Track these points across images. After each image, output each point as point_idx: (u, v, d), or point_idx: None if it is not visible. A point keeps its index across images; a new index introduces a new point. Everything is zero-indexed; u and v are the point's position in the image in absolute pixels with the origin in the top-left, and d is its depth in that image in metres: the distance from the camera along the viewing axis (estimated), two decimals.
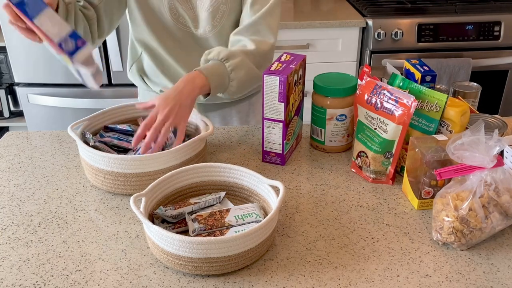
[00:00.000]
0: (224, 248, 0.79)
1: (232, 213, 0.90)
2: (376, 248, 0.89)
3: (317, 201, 1.02)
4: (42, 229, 0.94)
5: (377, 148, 1.03)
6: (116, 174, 1.00)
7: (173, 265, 0.82)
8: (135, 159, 0.99)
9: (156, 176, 1.00)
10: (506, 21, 2.35)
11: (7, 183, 1.08)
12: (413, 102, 0.96)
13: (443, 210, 0.87)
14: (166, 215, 0.91)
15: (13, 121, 2.59)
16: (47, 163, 1.16)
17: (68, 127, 1.07)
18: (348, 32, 2.40)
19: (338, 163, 1.15)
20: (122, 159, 0.99)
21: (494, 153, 0.84)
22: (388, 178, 1.07)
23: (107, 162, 0.99)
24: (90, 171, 1.04)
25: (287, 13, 2.51)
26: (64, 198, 1.03)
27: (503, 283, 0.81)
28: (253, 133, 1.28)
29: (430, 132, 1.01)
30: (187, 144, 1.03)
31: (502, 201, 0.86)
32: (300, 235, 0.92)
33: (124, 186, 1.01)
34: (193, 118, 1.18)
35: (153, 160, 1.00)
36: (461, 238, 0.86)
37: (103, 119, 1.17)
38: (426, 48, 2.38)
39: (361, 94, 1.05)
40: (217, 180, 1.00)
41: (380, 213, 0.98)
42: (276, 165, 1.14)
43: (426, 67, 1.12)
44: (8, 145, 1.24)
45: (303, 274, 0.83)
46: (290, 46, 2.41)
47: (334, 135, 1.16)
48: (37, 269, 0.84)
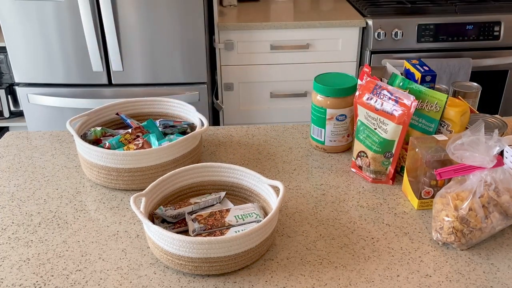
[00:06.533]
0: (224, 248, 0.79)
1: (232, 213, 0.90)
2: (376, 248, 0.89)
3: (317, 201, 1.02)
4: (42, 229, 0.94)
5: (377, 148, 1.03)
6: (109, 169, 1.02)
7: (173, 265, 0.82)
8: (127, 155, 1.00)
9: (148, 171, 1.01)
10: (506, 21, 2.35)
11: (7, 183, 1.08)
12: (413, 102, 0.96)
13: (443, 210, 0.88)
14: (166, 215, 0.91)
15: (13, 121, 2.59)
16: (47, 163, 1.16)
17: (67, 122, 1.08)
18: (348, 32, 2.40)
19: (338, 163, 1.15)
20: (114, 154, 1.00)
21: (494, 153, 0.84)
22: (388, 178, 1.07)
23: (101, 157, 1.01)
24: (86, 165, 1.06)
25: (287, 13, 2.51)
26: (64, 198, 1.03)
27: (503, 283, 0.81)
28: (253, 133, 1.28)
29: (430, 132, 1.01)
30: (179, 141, 1.03)
31: (502, 201, 0.86)
32: (300, 235, 0.92)
33: (116, 180, 1.03)
34: (190, 115, 1.18)
35: (145, 156, 1.00)
36: (461, 238, 0.86)
37: (102, 114, 1.18)
38: (426, 48, 2.38)
39: (361, 94, 1.05)
40: (217, 180, 1.00)
41: (380, 213, 0.98)
42: (276, 165, 1.14)
43: (426, 67, 1.12)
44: (8, 145, 1.24)
45: (303, 274, 0.83)
46: (290, 46, 2.41)
47: (334, 135, 1.16)
48: (37, 269, 0.85)
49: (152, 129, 1.13)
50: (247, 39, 2.39)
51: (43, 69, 2.27)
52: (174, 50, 2.23)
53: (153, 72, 2.28)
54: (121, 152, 1.00)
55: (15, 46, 2.22)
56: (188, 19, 2.18)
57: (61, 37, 2.19)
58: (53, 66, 2.26)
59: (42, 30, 2.18)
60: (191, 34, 2.21)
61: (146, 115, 1.23)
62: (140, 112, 1.23)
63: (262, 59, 2.45)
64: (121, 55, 2.23)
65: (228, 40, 2.39)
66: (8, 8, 2.14)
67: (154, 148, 1.02)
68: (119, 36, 2.19)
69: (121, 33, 2.19)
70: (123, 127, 1.22)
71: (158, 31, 2.19)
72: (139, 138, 1.09)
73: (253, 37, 2.39)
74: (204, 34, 2.22)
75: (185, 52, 2.24)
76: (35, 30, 2.18)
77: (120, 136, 1.09)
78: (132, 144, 1.07)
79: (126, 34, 2.19)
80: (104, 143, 1.09)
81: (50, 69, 2.27)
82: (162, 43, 2.22)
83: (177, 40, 2.21)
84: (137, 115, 1.23)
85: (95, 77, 2.28)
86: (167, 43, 2.22)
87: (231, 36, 2.39)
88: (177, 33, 2.20)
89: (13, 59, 2.26)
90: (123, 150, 1.06)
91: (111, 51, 2.21)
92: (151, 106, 1.23)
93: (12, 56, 2.25)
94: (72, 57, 2.23)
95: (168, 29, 2.19)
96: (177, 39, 2.21)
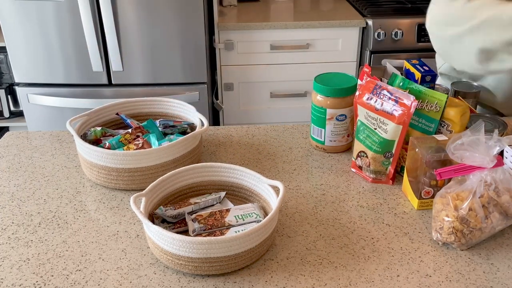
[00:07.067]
0: (224, 248, 0.79)
1: (232, 213, 0.90)
2: (376, 248, 0.89)
3: (317, 201, 1.02)
4: (42, 229, 0.94)
5: (377, 148, 1.03)
6: (109, 169, 1.02)
7: (173, 265, 0.82)
8: (127, 155, 1.00)
9: (148, 171, 1.01)
10: None
11: (7, 183, 1.08)
12: (413, 102, 0.96)
13: (443, 210, 0.88)
14: (166, 215, 0.91)
15: (13, 121, 2.59)
16: (47, 163, 1.16)
17: (67, 122, 1.08)
18: (348, 32, 2.40)
19: (338, 163, 1.15)
20: (114, 154, 1.00)
21: (494, 153, 0.84)
22: (388, 178, 1.07)
23: (101, 157, 1.01)
24: (86, 165, 1.06)
25: (287, 13, 2.51)
26: (64, 198, 1.03)
27: (503, 283, 0.81)
28: (253, 133, 1.28)
29: (430, 132, 1.01)
30: (179, 141, 1.03)
31: (502, 201, 0.86)
32: (300, 235, 0.92)
33: (116, 180, 1.03)
34: (190, 115, 1.18)
35: (145, 156, 1.01)
36: (461, 238, 0.86)
37: (102, 114, 1.18)
38: (426, 48, 2.38)
39: (361, 94, 1.05)
40: (217, 180, 1.00)
41: (380, 213, 0.98)
42: (276, 165, 1.14)
43: (426, 67, 1.12)
44: (8, 145, 1.24)
45: (303, 274, 0.83)
46: (290, 46, 2.41)
47: (334, 135, 1.16)
48: (37, 269, 0.85)
49: (152, 129, 1.13)
50: (247, 39, 2.39)
51: (43, 69, 2.27)
52: (174, 50, 2.23)
53: (153, 72, 2.28)
54: (121, 152, 1.00)
55: (15, 46, 2.23)
56: (188, 19, 2.18)
57: (61, 37, 2.19)
58: (53, 66, 2.26)
59: (42, 30, 2.18)
60: (191, 34, 2.21)
61: (146, 115, 1.23)
62: (140, 112, 1.23)
63: (262, 59, 2.45)
64: (121, 55, 2.23)
65: (228, 40, 2.39)
66: (8, 8, 2.14)
67: (154, 148, 1.02)
68: (119, 36, 2.19)
69: (121, 33, 2.19)
70: (123, 127, 1.22)
71: (158, 31, 2.19)
72: (139, 138, 1.09)
73: (253, 37, 2.39)
74: (204, 34, 2.23)
75: (185, 52, 2.24)
76: (35, 30, 2.18)
77: (120, 136, 1.09)
78: (132, 144, 1.07)
79: (126, 34, 2.19)
80: (104, 143, 1.09)
81: (50, 69, 2.27)
82: (162, 43, 2.22)
83: (177, 40, 2.22)
84: (137, 115, 1.23)
85: (95, 77, 2.28)
86: (167, 43, 2.22)
87: (231, 36, 2.39)
88: (177, 33, 2.20)
89: (13, 59, 2.26)
90: (123, 150, 1.06)
91: (111, 51, 2.21)
92: (151, 106, 1.23)
93: (12, 56, 2.25)
94: (72, 57, 2.23)
95: (168, 29, 2.19)
96: (177, 39, 2.21)
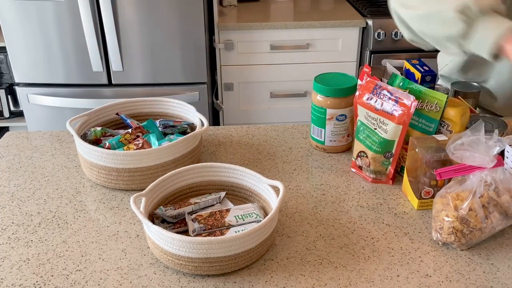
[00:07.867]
0: (224, 248, 0.79)
1: (232, 213, 0.90)
2: (376, 248, 0.89)
3: (317, 201, 1.02)
4: (42, 229, 0.94)
5: (377, 148, 1.03)
6: (109, 169, 1.02)
7: (173, 265, 0.82)
8: (127, 155, 1.00)
9: (148, 171, 1.01)
10: None
11: (7, 183, 1.08)
12: (413, 102, 0.96)
13: (443, 210, 0.87)
14: (166, 215, 0.91)
15: (13, 121, 2.59)
16: (47, 163, 1.16)
17: (67, 122, 1.08)
18: (348, 32, 2.40)
19: (338, 163, 1.15)
20: (114, 154, 1.00)
21: (494, 153, 0.84)
22: (388, 178, 1.07)
23: (101, 157, 1.01)
24: (86, 165, 1.06)
25: (287, 13, 2.51)
26: (64, 198, 1.03)
27: (503, 283, 0.81)
28: (253, 133, 1.28)
29: (430, 132, 1.01)
30: (179, 141, 1.03)
31: (502, 201, 0.86)
32: (300, 235, 0.92)
33: (116, 180, 1.03)
34: (190, 115, 1.18)
35: (145, 156, 1.01)
36: (461, 238, 0.86)
37: (102, 114, 1.18)
38: None
39: (361, 94, 1.05)
40: (217, 180, 1.00)
41: (380, 213, 0.98)
42: (276, 165, 1.14)
43: (426, 67, 1.12)
44: (8, 145, 1.24)
45: (303, 274, 0.83)
46: (290, 46, 2.41)
47: (334, 135, 1.16)
48: (37, 269, 0.85)
49: (152, 129, 1.13)
50: (247, 39, 2.39)
51: (43, 69, 2.27)
52: (174, 50, 2.23)
53: (153, 72, 2.28)
54: (121, 152, 1.00)
55: (15, 46, 2.22)
56: (188, 19, 2.18)
57: (61, 37, 2.19)
58: (53, 66, 2.26)
59: (42, 30, 2.18)
60: (191, 34, 2.21)
61: (146, 115, 1.23)
62: (140, 112, 1.23)
63: (262, 59, 2.45)
64: (121, 55, 2.23)
65: (228, 40, 2.39)
66: (8, 8, 2.14)
67: (154, 148, 1.02)
68: (119, 36, 2.19)
69: (121, 33, 2.19)
70: (123, 127, 1.22)
71: (158, 31, 2.19)
72: (139, 138, 1.09)
73: (253, 37, 2.39)
74: (204, 34, 2.22)
75: (185, 52, 2.24)
76: (35, 30, 2.18)
77: (120, 136, 1.09)
78: (132, 144, 1.07)
79: (126, 34, 2.19)
80: (104, 143, 1.09)
81: (50, 69, 2.27)
82: (162, 43, 2.22)
83: (177, 40, 2.21)
84: (137, 115, 1.23)
85: (95, 77, 2.28)
86: (167, 43, 2.22)
87: (231, 36, 2.39)
88: (177, 33, 2.20)
89: (13, 59, 2.26)
90: (123, 150, 1.06)
91: (111, 51, 2.21)
92: (151, 106, 1.23)
93: (12, 56, 2.25)
94: (72, 57, 2.23)
95: (168, 29, 2.19)
96: (177, 39, 2.21)
